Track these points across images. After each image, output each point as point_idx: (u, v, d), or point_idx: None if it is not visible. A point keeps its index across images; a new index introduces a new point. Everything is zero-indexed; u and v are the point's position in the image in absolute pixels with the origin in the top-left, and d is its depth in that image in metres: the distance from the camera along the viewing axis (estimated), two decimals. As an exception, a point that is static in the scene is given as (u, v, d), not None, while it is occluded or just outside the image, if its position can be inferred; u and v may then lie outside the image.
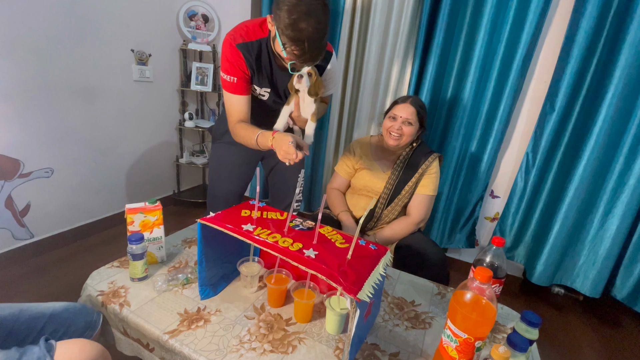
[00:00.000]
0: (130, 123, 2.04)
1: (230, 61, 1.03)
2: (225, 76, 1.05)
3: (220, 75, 1.09)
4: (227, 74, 1.04)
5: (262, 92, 1.14)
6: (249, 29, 1.03)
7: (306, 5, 0.83)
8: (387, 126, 1.28)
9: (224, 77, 1.06)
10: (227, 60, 1.03)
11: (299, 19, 0.82)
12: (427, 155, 1.31)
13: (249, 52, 1.02)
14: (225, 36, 1.04)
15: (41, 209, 1.70)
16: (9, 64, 1.45)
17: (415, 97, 1.30)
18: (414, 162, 1.30)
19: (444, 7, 1.55)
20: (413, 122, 1.25)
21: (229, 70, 1.04)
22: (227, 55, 1.03)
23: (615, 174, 1.46)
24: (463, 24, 1.58)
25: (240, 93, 1.07)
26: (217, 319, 0.79)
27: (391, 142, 1.27)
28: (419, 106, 1.27)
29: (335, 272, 0.65)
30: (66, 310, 0.73)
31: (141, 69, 2.02)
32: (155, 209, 0.94)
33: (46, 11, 1.52)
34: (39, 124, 1.60)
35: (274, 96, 1.16)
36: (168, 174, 2.43)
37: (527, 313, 0.71)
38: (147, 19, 1.99)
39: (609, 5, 1.35)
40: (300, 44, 0.85)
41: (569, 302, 1.79)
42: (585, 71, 1.45)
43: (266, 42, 1.04)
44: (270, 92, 1.14)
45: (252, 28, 1.03)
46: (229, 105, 1.10)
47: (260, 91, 1.14)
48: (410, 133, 1.26)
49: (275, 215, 0.87)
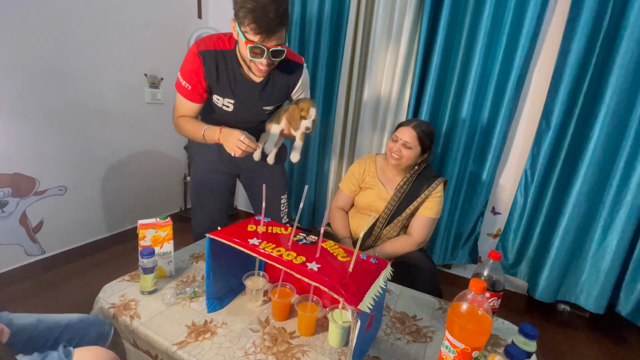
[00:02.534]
0: (141, 143, 2.13)
1: (188, 66, 1.05)
2: (181, 80, 1.07)
3: (177, 77, 1.09)
4: (183, 79, 1.07)
5: (226, 102, 1.13)
6: (215, 39, 1.05)
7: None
8: (388, 147, 1.32)
9: (179, 79, 1.07)
10: (186, 64, 1.05)
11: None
12: (431, 179, 1.31)
13: (210, 60, 1.04)
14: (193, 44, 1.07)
15: (54, 226, 1.75)
16: (28, 86, 1.54)
17: (420, 121, 1.30)
18: (418, 185, 1.31)
19: (440, 30, 1.63)
20: (413, 146, 1.26)
21: (185, 75, 1.06)
22: (187, 60, 1.05)
23: (612, 189, 1.48)
24: (459, 46, 1.66)
25: (191, 100, 1.10)
26: (223, 332, 0.81)
27: (391, 162, 1.30)
28: (422, 131, 1.27)
29: (337, 284, 0.68)
30: (80, 321, 0.77)
31: (153, 92, 2.12)
32: (166, 224, 0.99)
33: (65, 37, 1.64)
34: (56, 143, 1.68)
35: (241, 109, 1.16)
36: (175, 191, 2.49)
37: (524, 325, 0.73)
38: (160, 45, 2.11)
39: (598, 28, 1.42)
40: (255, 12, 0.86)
41: (574, 319, 1.77)
42: (578, 91, 1.50)
43: (230, 54, 1.06)
44: (234, 104, 1.14)
45: (219, 39, 1.06)
46: (178, 104, 1.12)
47: (224, 102, 1.13)
48: (408, 156, 1.27)
49: (279, 230, 0.91)
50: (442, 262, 1.92)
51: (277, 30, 0.92)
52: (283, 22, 0.92)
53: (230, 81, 1.09)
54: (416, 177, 1.34)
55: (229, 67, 1.07)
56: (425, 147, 1.29)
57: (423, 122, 1.31)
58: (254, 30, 0.90)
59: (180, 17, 2.21)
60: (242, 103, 1.14)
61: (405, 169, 1.34)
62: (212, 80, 1.07)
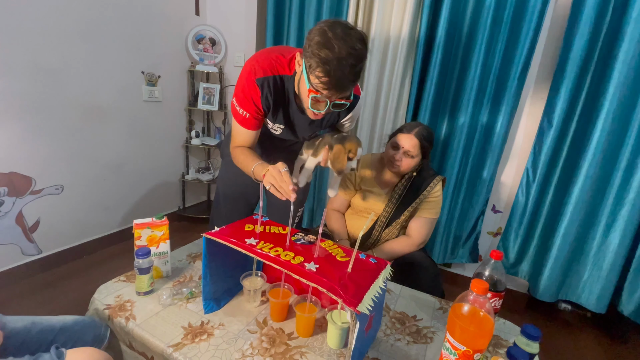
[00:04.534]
0: (139, 141, 2.11)
1: (245, 93, 0.96)
2: (238, 107, 0.98)
3: (231, 101, 1.02)
4: (240, 106, 0.98)
5: (275, 127, 1.08)
6: (273, 62, 0.95)
7: (343, 29, 0.77)
8: (388, 154, 1.26)
9: (235, 106, 0.99)
10: (243, 91, 0.96)
11: (334, 37, 0.76)
12: (429, 179, 1.27)
13: (268, 88, 0.95)
14: (248, 62, 0.96)
15: (50, 225, 1.74)
16: (23, 84, 1.52)
17: (422, 127, 1.24)
18: (416, 187, 1.28)
19: (441, 27, 1.61)
20: (415, 155, 1.22)
21: (242, 103, 0.97)
22: (243, 86, 0.95)
23: (614, 188, 1.47)
24: (460, 42, 1.64)
25: (249, 128, 1.01)
26: (220, 333, 0.80)
27: (391, 170, 1.27)
28: (424, 138, 1.22)
29: (335, 285, 0.66)
30: (76, 324, 0.75)
31: (150, 90, 2.10)
32: (162, 224, 0.97)
33: (62, 35, 1.61)
34: (52, 142, 1.67)
35: (288, 133, 1.10)
36: (174, 190, 2.48)
37: (527, 327, 0.71)
38: (158, 42, 2.09)
39: (600, 24, 1.40)
40: (329, 64, 0.76)
41: (576, 318, 1.76)
42: (580, 88, 1.49)
43: (288, 80, 0.96)
44: (284, 129, 1.08)
45: (277, 62, 0.95)
46: (235, 132, 1.05)
47: (274, 126, 1.07)
48: (409, 165, 1.23)
49: (277, 229, 0.90)
50: (442, 261, 1.90)
51: (349, 89, 0.84)
52: (357, 79, 0.82)
53: (284, 109, 1.02)
54: (415, 178, 1.30)
55: (286, 95, 0.99)
56: (426, 153, 1.26)
57: (423, 126, 1.25)
58: (322, 84, 0.80)
59: (178, 13, 2.19)
60: (291, 129, 1.09)
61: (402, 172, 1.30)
62: (267, 107, 1.00)
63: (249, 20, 2.24)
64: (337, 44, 0.75)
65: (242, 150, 1.03)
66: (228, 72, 2.43)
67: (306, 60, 0.81)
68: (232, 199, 1.33)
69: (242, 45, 2.32)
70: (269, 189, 0.86)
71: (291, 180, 0.83)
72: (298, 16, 1.97)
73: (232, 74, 2.42)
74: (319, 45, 0.76)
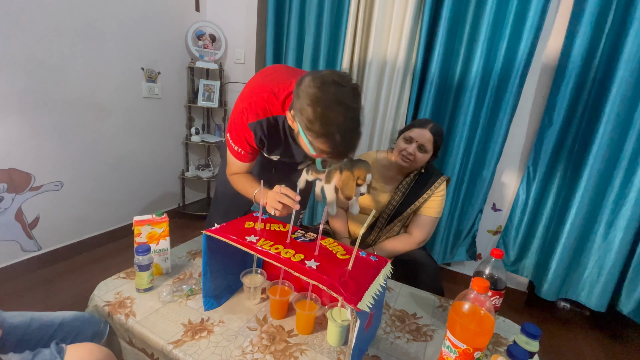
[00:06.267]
0: (138, 138, 2.10)
1: (238, 134, 0.96)
2: (232, 144, 1.00)
3: (226, 136, 1.02)
4: (235, 144, 0.99)
5: (272, 157, 1.09)
6: (265, 104, 0.92)
7: (332, 93, 0.72)
8: (400, 147, 1.22)
9: (230, 142, 1.00)
10: (236, 131, 0.96)
11: (327, 108, 0.72)
12: (434, 178, 1.26)
13: (262, 130, 0.95)
14: (239, 101, 0.96)
15: (50, 222, 1.73)
16: (23, 80, 1.51)
17: (435, 123, 1.23)
18: (421, 186, 1.26)
19: (442, 24, 1.60)
20: (428, 150, 1.20)
21: (236, 141, 0.98)
22: (237, 127, 0.96)
23: (615, 187, 1.46)
24: (461, 40, 1.63)
25: (245, 161, 1.04)
26: (220, 330, 0.80)
27: (402, 163, 1.23)
28: (437, 134, 1.20)
29: (336, 283, 0.66)
30: (75, 319, 0.75)
31: (150, 86, 2.09)
32: (162, 221, 0.97)
33: (61, 31, 1.60)
34: (51, 138, 1.66)
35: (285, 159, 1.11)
36: (173, 187, 2.47)
37: (527, 325, 0.71)
38: (157, 39, 2.08)
39: (603, 23, 1.39)
40: (331, 138, 0.74)
41: (575, 316, 1.77)
42: (582, 86, 1.48)
43: (282, 120, 0.96)
44: (280, 157, 1.09)
45: (269, 103, 0.93)
46: (230, 162, 1.06)
47: (270, 156, 1.09)
48: (422, 160, 1.21)
49: (277, 227, 0.89)
50: (442, 261, 1.90)
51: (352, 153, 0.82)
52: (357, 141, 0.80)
53: (280, 144, 1.03)
54: (420, 176, 1.29)
55: (280, 133, 0.99)
56: (437, 150, 1.25)
57: (435, 123, 1.24)
58: (325, 153, 0.79)
59: (178, 9, 2.18)
60: (289, 156, 1.10)
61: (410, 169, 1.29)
62: (262, 145, 1.01)
63: (249, 16, 2.23)
64: (335, 110, 0.72)
65: (240, 178, 1.06)
66: (228, 69, 2.42)
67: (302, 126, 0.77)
68: (231, 198, 1.33)
69: (242, 41, 2.31)
70: (274, 214, 0.89)
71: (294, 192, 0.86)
72: (299, 12, 1.95)
73: (232, 71, 2.41)
74: (312, 122, 0.73)
